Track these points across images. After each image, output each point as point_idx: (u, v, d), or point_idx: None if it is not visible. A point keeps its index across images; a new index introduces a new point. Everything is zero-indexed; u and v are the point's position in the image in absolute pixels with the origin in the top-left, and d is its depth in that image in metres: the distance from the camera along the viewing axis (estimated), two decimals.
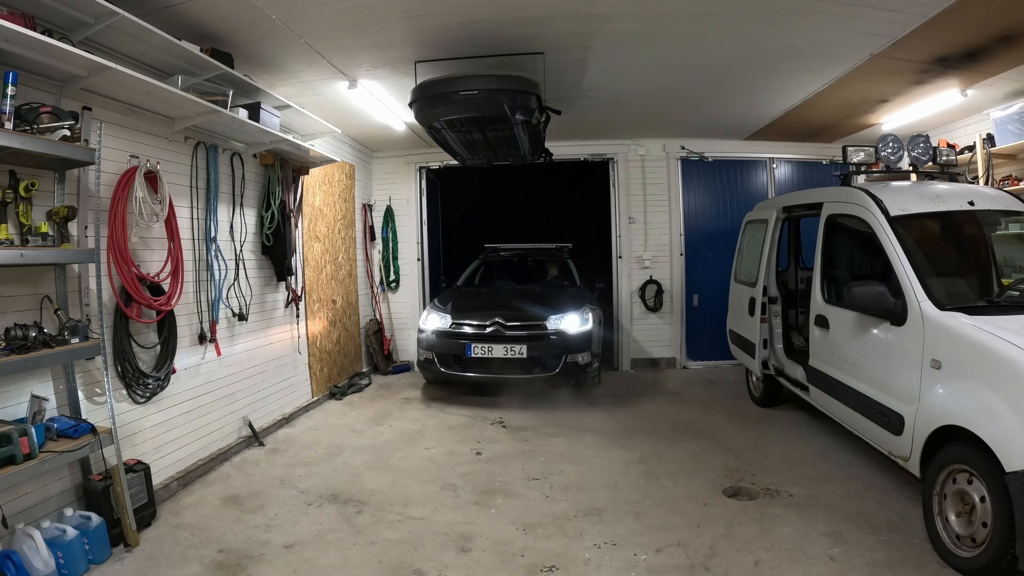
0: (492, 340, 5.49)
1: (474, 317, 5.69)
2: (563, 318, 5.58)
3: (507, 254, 7.70)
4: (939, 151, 4.15)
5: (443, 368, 5.60)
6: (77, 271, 3.01)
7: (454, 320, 5.71)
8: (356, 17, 3.46)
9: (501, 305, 5.94)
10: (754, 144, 7.18)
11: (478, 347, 5.49)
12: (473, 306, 5.98)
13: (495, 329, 5.51)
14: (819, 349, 4.03)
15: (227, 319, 4.33)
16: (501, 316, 5.60)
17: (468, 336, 5.58)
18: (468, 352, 5.50)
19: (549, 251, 7.56)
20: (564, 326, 5.54)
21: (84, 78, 2.84)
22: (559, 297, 6.09)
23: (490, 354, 5.46)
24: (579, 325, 5.60)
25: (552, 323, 5.56)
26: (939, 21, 3.46)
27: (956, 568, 2.58)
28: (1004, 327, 2.59)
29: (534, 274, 7.38)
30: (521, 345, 5.42)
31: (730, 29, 3.75)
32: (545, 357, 5.46)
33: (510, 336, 5.49)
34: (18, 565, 2.42)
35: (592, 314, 5.81)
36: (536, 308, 5.80)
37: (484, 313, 5.73)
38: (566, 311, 5.66)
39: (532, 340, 5.46)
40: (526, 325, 5.55)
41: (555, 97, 4.57)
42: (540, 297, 6.19)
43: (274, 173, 4.75)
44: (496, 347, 5.47)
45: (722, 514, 3.24)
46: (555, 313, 5.64)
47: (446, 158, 6.56)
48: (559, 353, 5.45)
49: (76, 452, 2.69)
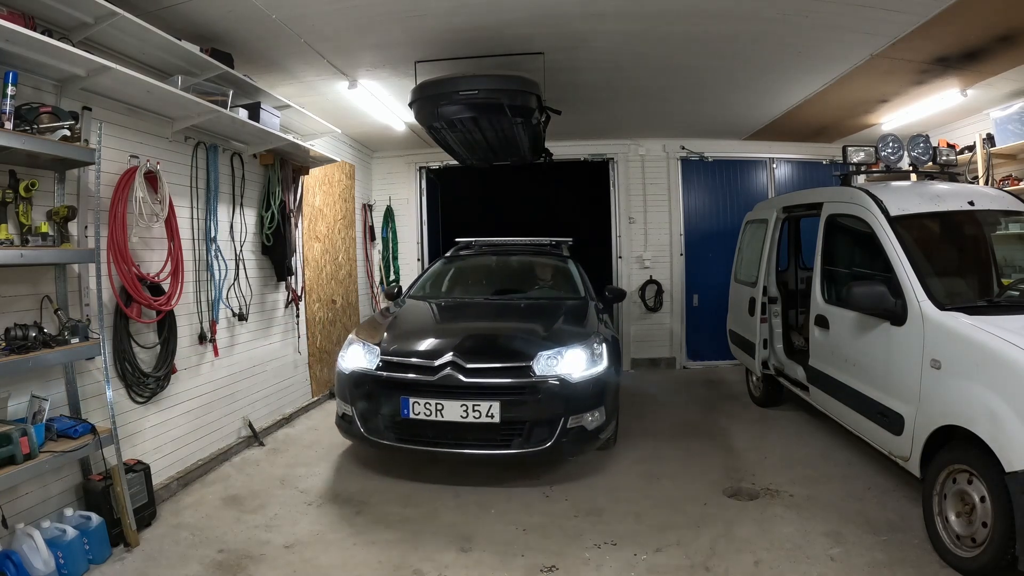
0: (443, 393, 3.47)
1: (417, 352, 3.74)
2: (561, 355, 3.63)
3: (483, 252, 5.83)
4: (939, 151, 4.16)
5: (367, 432, 3.65)
6: (77, 271, 3.01)
7: (385, 356, 3.73)
8: (356, 17, 3.46)
9: (463, 332, 4.01)
10: (754, 144, 7.18)
11: (420, 404, 3.46)
12: (418, 332, 4.11)
13: (448, 374, 3.49)
14: (819, 349, 4.03)
15: (227, 319, 4.33)
16: (460, 351, 3.60)
17: (405, 385, 3.57)
18: (405, 411, 3.50)
19: (542, 248, 5.87)
20: (563, 368, 3.58)
21: (84, 78, 2.84)
22: (555, 318, 4.17)
23: (439, 416, 3.45)
24: (587, 366, 3.65)
25: (543, 363, 3.58)
26: (939, 21, 3.46)
27: (956, 568, 2.58)
28: (1004, 327, 2.59)
29: (521, 280, 5.48)
30: (490, 402, 3.41)
31: (730, 29, 3.75)
32: (531, 421, 3.48)
33: (472, 386, 3.47)
34: (18, 565, 2.42)
35: (606, 346, 3.88)
36: (518, 337, 3.89)
37: (434, 345, 3.78)
38: (566, 342, 3.74)
39: (509, 393, 3.49)
40: (499, 368, 3.56)
41: (555, 97, 4.57)
42: (526, 317, 4.39)
43: (274, 173, 4.75)
44: (449, 405, 3.44)
45: (722, 514, 3.24)
46: (549, 346, 3.68)
47: (446, 158, 6.56)
48: (555, 414, 3.49)
49: (76, 452, 2.68)
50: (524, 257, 5.81)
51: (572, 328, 4.04)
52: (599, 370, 3.71)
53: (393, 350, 3.79)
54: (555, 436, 3.47)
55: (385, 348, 3.81)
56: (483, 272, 5.63)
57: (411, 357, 3.71)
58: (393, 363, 3.71)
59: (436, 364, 3.56)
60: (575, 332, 3.94)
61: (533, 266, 5.66)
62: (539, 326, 4.00)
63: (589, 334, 3.93)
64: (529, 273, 5.59)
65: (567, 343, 3.74)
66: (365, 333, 4.13)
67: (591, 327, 4.10)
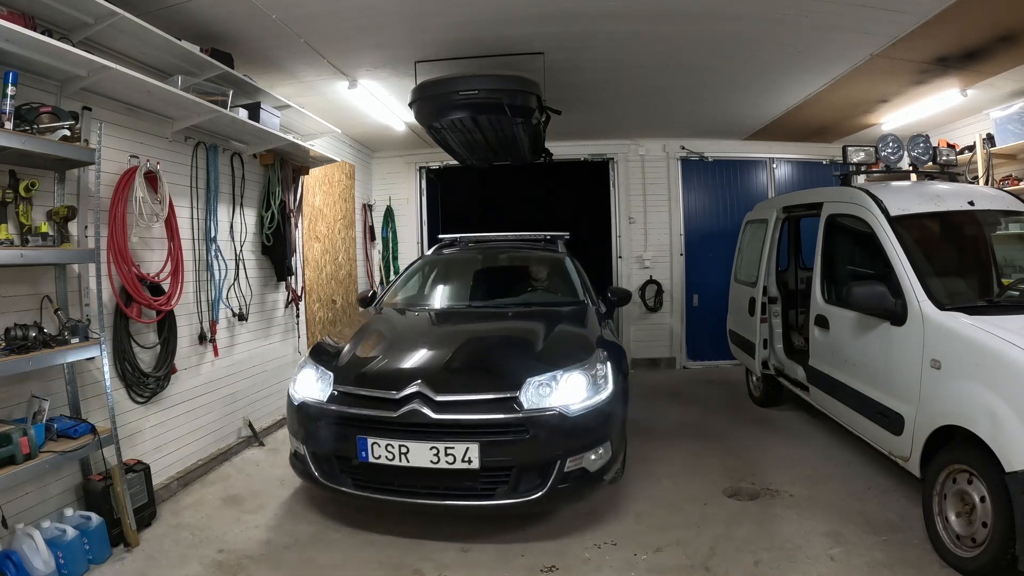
0: (407, 432, 2.84)
1: (376, 380, 3.09)
2: (556, 380, 2.99)
3: (468, 250, 5.18)
4: (939, 151, 4.16)
5: (322, 476, 3.05)
6: (77, 271, 3.01)
7: (339, 385, 3.10)
8: (356, 17, 3.46)
9: (434, 352, 3.35)
10: (754, 144, 7.18)
11: (380, 445, 2.84)
12: (381, 353, 3.36)
13: (412, 409, 2.84)
14: (819, 349, 4.03)
15: (227, 319, 4.33)
16: (429, 379, 2.97)
17: (361, 421, 2.93)
18: (362, 453, 2.87)
19: (536, 245, 5.22)
20: (558, 398, 2.93)
21: (84, 78, 2.83)
22: (549, 329, 3.51)
23: (404, 460, 2.82)
24: (588, 394, 3.00)
25: (533, 393, 2.93)
26: (939, 21, 3.46)
27: (956, 568, 2.58)
28: (1004, 327, 2.59)
29: (511, 282, 4.72)
30: (467, 444, 2.78)
31: (730, 29, 3.75)
32: (519, 466, 2.85)
33: (443, 424, 2.83)
34: (18, 565, 2.42)
35: (610, 365, 3.21)
36: (503, 358, 3.26)
37: (397, 371, 3.15)
38: (562, 363, 3.09)
39: (491, 432, 2.84)
40: (477, 401, 2.91)
41: (555, 97, 4.57)
42: (513, 330, 3.74)
43: (274, 173, 4.75)
44: (416, 447, 2.81)
45: (722, 514, 3.24)
46: (540, 368, 3.04)
47: (446, 158, 6.56)
48: (549, 455, 2.86)
49: (76, 452, 2.68)
50: (515, 254, 5.11)
51: (569, 343, 3.38)
52: (603, 397, 3.03)
53: (347, 377, 3.14)
54: (549, 483, 2.83)
55: (339, 374, 3.17)
56: (467, 273, 4.89)
57: (368, 387, 3.04)
58: (347, 394, 3.04)
59: (398, 396, 2.89)
60: (573, 349, 3.29)
61: (525, 265, 4.88)
62: (529, 342, 3.37)
63: (590, 350, 3.25)
64: (520, 273, 4.82)
65: (563, 364, 3.08)
66: (323, 351, 3.52)
67: (592, 341, 3.42)
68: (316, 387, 3.20)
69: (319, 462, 3.08)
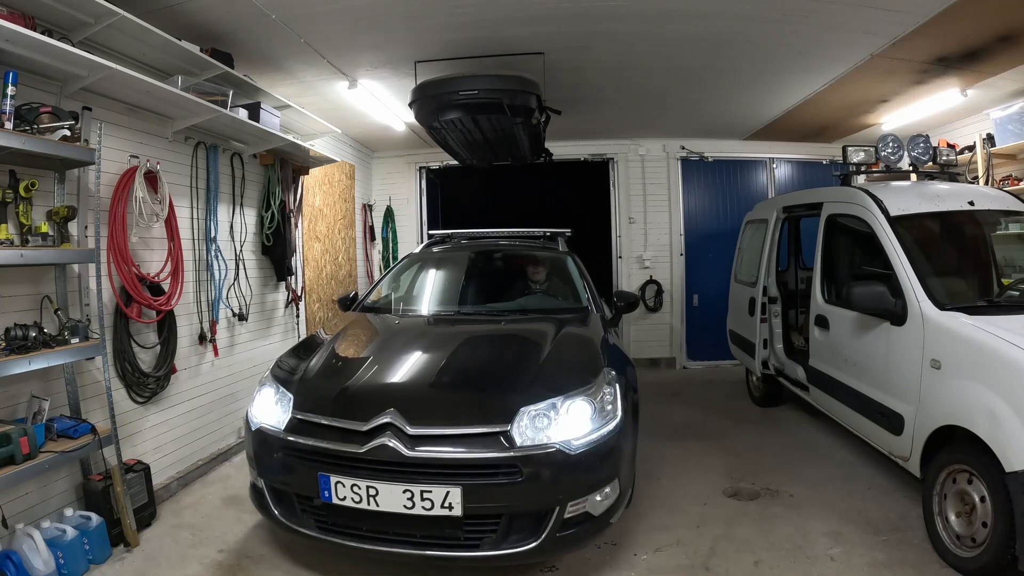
0: (376, 471, 2.40)
1: (340, 407, 2.61)
2: (556, 410, 2.52)
3: (460, 248, 4.66)
4: (939, 151, 4.16)
5: (281, 515, 2.63)
6: (77, 271, 3.01)
7: (298, 412, 2.66)
8: (356, 17, 3.46)
9: (411, 373, 2.88)
10: (754, 144, 7.19)
11: (345, 485, 2.41)
12: (350, 371, 2.89)
13: (383, 445, 2.40)
14: (819, 349, 4.03)
15: (227, 319, 4.33)
16: (403, 407, 2.51)
17: (322, 457, 2.49)
18: (325, 493, 2.44)
19: (535, 242, 4.74)
20: (559, 431, 2.47)
21: (84, 78, 2.83)
22: (547, 345, 3.03)
23: (373, 503, 2.39)
24: (593, 425, 2.53)
25: (527, 425, 2.47)
26: (939, 21, 3.46)
27: (956, 568, 2.58)
28: (1004, 327, 2.59)
29: (506, 284, 4.26)
30: (447, 487, 2.34)
31: (730, 29, 3.75)
32: (510, 512, 2.41)
33: (419, 463, 2.39)
34: (18, 565, 2.42)
35: (619, 388, 2.72)
36: (492, 381, 2.79)
37: (367, 395, 2.70)
38: (563, 387, 2.62)
39: (476, 474, 2.40)
40: (460, 436, 2.46)
41: (555, 97, 4.57)
42: (506, 344, 3.27)
43: (274, 173, 4.75)
44: (387, 489, 2.37)
45: (722, 514, 3.24)
46: (537, 394, 2.57)
47: (446, 158, 6.56)
48: (545, 501, 2.43)
49: (76, 452, 2.68)
50: (511, 253, 4.61)
51: (572, 362, 2.91)
52: (611, 428, 2.55)
53: (308, 401, 2.69)
54: (546, 532, 2.42)
55: (299, 396, 2.72)
56: (458, 274, 4.35)
57: (330, 415, 2.57)
58: (306, 423, 2.60)
59: (365, 428, 2.44)
60: (576, 368, 2.81)
61: (522, 265, 4.36)
62: (523, 359, 2.92)
63: (596, 370, 2.76)
64: (517, 274, 4.33)
65: (564, 389, 2.60)
66: (287, 366, 3.04)
67: (598, 357, 2.92)
68: (274, 411, 2.73)
69: (278, 499, 2.64)
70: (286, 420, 2.67)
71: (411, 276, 4.51)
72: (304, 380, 2.86)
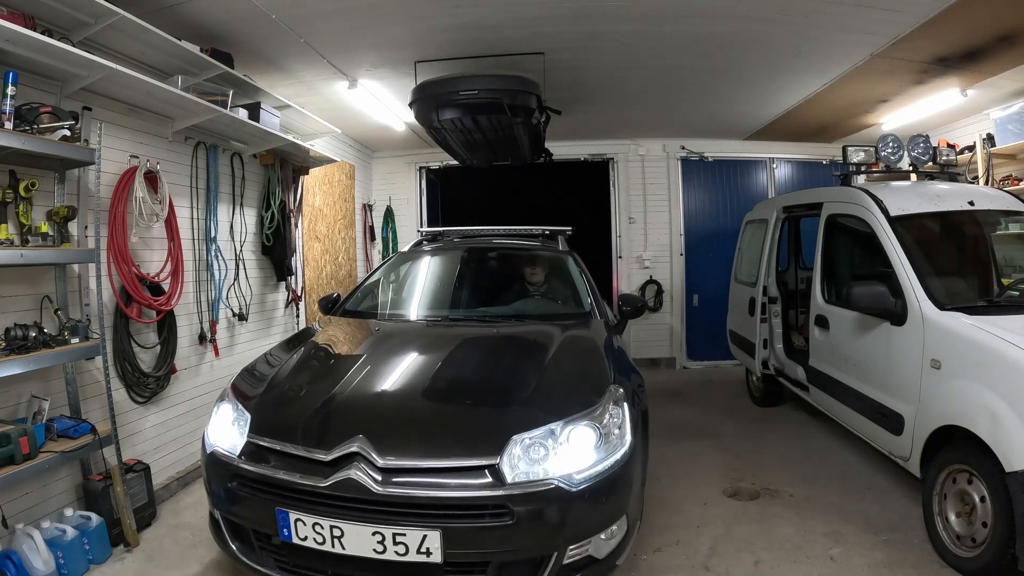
0: (341, 508, 2.07)
1: (302, 429, 2.28)
2: (554, 437, 2.18)
3: (452, 247, 4.33)
4: (939, 151, 4.16)
5: (239, 551, 2.31)
6: (77, 271, 3.01)
7: (256, 433, 2.33)
8: (356, 17, 3.46)
9: (385, 391, 2.54)
10: (754, 144, 7.19)
11: (305, 523, 2.09)
12: (316, 387, 2.57)
13: (348, 478, 2.07)
14: (819, 349, 4.03)
15: (227, 319, 4.33)
16: (374, 433, 2.18)
17: (279, 489, 2.17)
18: (284, 531, 2.13)
19: (533, 241, 4.35)
20: (557, 464, 2.14)
21: (84, 78, 2.83)
22: (545, 357, 2.70)
23: (339, 546, 2.07)
24: (599, 455, 2.19)
25: (520, 456, 2.14)
26: (939, 21, 3.46)
27: (956, 568, 2.59)
28: (1004, 327, 2.59)
29: (501, 286, 3.93)
30: (423, 530, 2.01)
31: (730, 29, 3.75)
32: (499, 560, 2.10)
33: (391, 501, 2.05)
34: (18, 565, 2.43)
35: (627, 406, 2.38)
36: (479, 402, 2.47)
37: (332, 419, 2.33)
38: (562, 410, 2.28)
39: (458, 516, 2.07)
40: (438, 469, 2.12)
41: (555, 97, 4.57)
42: (497, 356, 2.91)
43: (274, 173, 4.75)
44: (353, 531, 2.05)
45: (722, 514, 3.24)
46: (531, 418, 2.24)
47: (446, 158, 6.56)
48: (542, 546, 2.11)
49: (76, 452, 2.68)
50: (507, 252, 4.28)
51: (573, 377, 2.57)
52: (619, 457, 2.20)
53: (265, 422, 2.34)
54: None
55: (257, 416, 2.37)
56: (449, 275, 4.02)
57: (289, 440, 2.21)
58: (263, 449, 2.25)
59: (328, 458, 2.09)
60: (579, 386, 2.48)
61: (519, 265, 4.03)
62: (517, 374, 2.57)
63: (602, 388, 2.40)
64: (513, 275, 3.99)
65: (564, 412, 2.24)
66: (250, 378, 2.72)
67: (604, 371, 2.56)
68: (230, 432, 2.38)
69: (235, 533, 2.32)
70: (241, 444, 2.31)
71: (398, 277, 4.16)
72: (264, 397, 2.50)
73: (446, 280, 4.05)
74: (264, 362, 2.94)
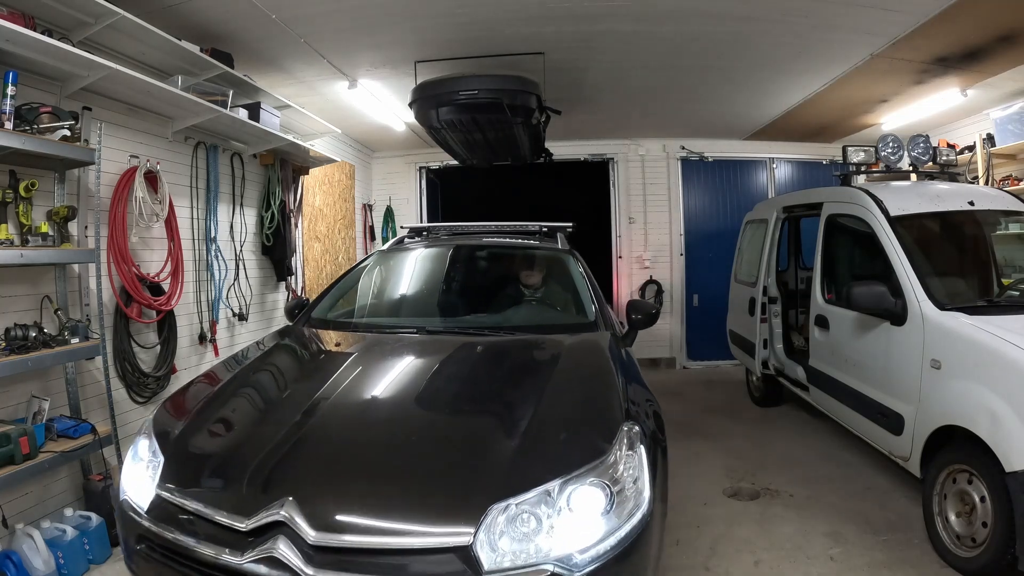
0: None
1: (218, 485, 1.78)
2: (549, 505, 1.58)
3: (438, 244, 3.80)
4: (939, 151, 4.16)
5: None
6: (77, 271, 3.01)
7: (166, 482, 1.80)
8: (356, 17, 3.46)
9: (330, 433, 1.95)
10: (754, 144, 7.18)
11: None
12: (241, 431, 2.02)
13: (267, 557, 1.51)
14: (819, 349, 4.03)
15: (227, 319, 4.33)
16: (307, 492, 1.61)
17: (188, 561, 1.64)
18: None
19: (530, 239, 3.75)
20: (552, 543, 1.54)
21: (84, 78, 2.83)
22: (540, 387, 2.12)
23: None
24: (608, 526, 1.59)
25: (500, 530, 1.54)
26: (939, 21, 3.46)
27: (956, 568, 2.58)
28: (1004, 327, 2.59)
29: (493, 289, 3.46)
30: None
31: (730, 29, 3.75)
32: None
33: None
34: (18, 565, 2.42)
35: (644, 449, 1.77)
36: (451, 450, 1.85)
37: (254, 472, 1.71)
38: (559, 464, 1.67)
39: None
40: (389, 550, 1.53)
41: (555, 97, 4.57)
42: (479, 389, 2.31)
43: (274, 173, 4.75)
44: None
45: (722, 514, 3.24)
46: (519, 478, 1.63)
47: (446, 158, 6.56)
48: None
49: (76, 452, 2.69)
50: (500, 251, 3.76)
51: (576, 412, 2.02)
52: (636, 523, 1.64)
53: (178, 470, 1.84)
54: None
55: (169, 463, 1.86)
56: (433, 277, 3.56)
57: (201, 499, 1.71)
58: (172, 506, 1.76)
59: (246, 528, 1.58)
60: (581, 429, 1.91)
61: (513, 266, 3.58)
62: (504, 411, 2.06)
63: (611, 431, 1.81)
64: (506, 278, 3.51)
65: (564, 465, 1.68)
66: (176, 408, 2.17)
67: (615, 404, 2.01)
68: (142, 479, 1.89)
69: None
70: (151, 497, 1.81)
71: (373, 280, 3.56)
72: (183, 434, 1.96)
73: (429, 283, 3.54)
74: (203, 380, 2.37)
